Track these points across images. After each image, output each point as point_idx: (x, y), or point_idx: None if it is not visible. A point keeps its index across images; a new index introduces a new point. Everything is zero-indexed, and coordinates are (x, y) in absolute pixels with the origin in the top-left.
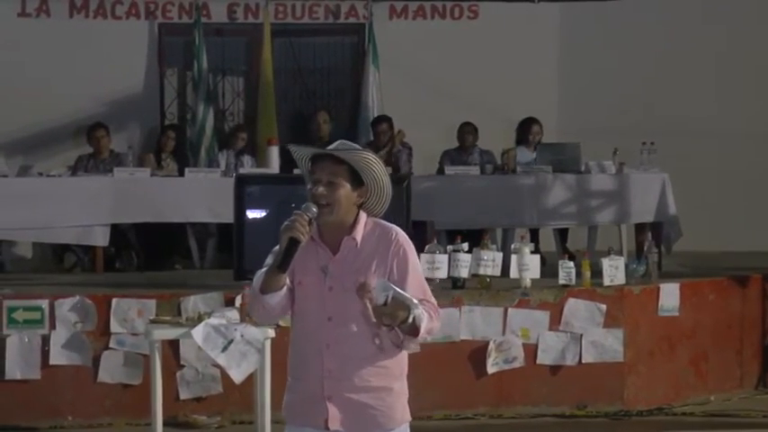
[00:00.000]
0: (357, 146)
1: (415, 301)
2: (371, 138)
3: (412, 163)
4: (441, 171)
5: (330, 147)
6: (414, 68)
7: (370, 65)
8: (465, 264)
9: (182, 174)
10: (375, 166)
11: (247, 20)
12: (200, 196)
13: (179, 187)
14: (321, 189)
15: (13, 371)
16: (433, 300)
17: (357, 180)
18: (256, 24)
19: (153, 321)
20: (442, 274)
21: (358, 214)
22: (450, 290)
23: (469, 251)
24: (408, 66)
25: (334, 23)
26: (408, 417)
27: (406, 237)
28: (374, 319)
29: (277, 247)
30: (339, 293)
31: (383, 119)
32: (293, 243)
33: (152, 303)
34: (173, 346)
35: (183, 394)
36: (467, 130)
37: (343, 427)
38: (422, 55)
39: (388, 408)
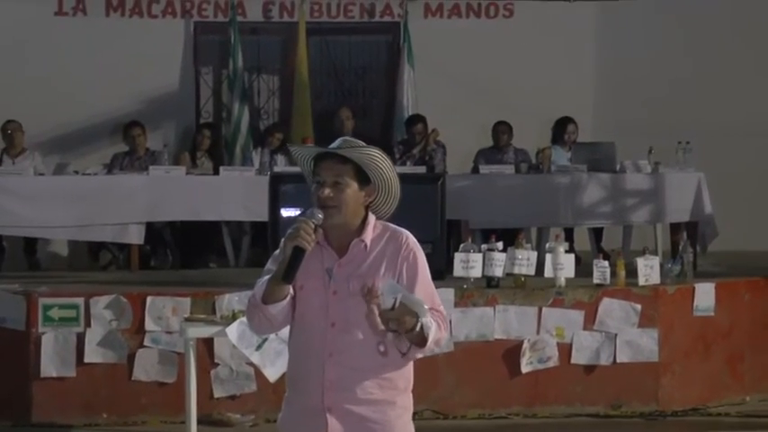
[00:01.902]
0: (361, 142)
1: (426, 306)
2: (406, 137)
3: (446, 162)
4: (475, 170)
5: (332, 145)
6: (448, 67)
7: (404, 63)
8: (499, 263)
9: (217, 172)
10: (382, 163)
11: (283, 18)
12: (234, 195)
13: (214, 186)
14: (327, 191)
15: (49, 368)
16: (441, 309)
17: (364, 179)
18: (291, 23)
19: (187, 319)
20: (477, 273)
21: (366, 216)
22: (485, 289)
23: (504, 250)
24: (443, 64)
25: (369, 22)
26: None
27: (416, 241)
28: (380, 324)
29: (278, 252)
30: (344, 298)
31: (418, 118)
32: (298, 252)
33: (187, 301)
34: (207, 345)
35: (218, 392)
36: (501, 130)
37: None
38: (457, 53)
39: (389, 422)
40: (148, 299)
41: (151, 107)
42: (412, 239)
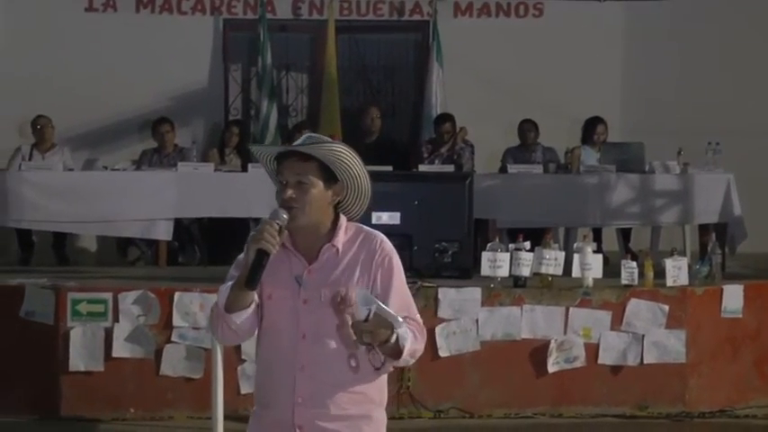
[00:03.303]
0: (326, 138)
1: (400, 318)
2: (434, 135)
3: (474, 161)
4: (503, 169)
5: (296, 142)
6: (477, 66)
7: (433, 62)
8: (527, 262)
9: (245, 169)
10: (348, 160)
11: (312, 16)
12: (262, 192)
13: (242, 183)
14: (289, 192)
15: (77, 363)
16: (418, 317)
17: (330, 177)
18: (321, 21)
19: None
20: (504, 272)
21: (337, 218)
22: (512, 288)
23: (531, 250)
24: (472, 63)
25: (399, 20)
26: None
27: (391, 245)
28: (353, 337)
29: (241, 256)
30: (315, 307)
31: (446, 117)
32: (262, 256)
33: (214, 298)
34: None
35: (245, 388)
36: (527, 127)
37: None
38: (486, 53)
39: None
40: (176, 295)
41: (180, 104)
42: (387, 243)
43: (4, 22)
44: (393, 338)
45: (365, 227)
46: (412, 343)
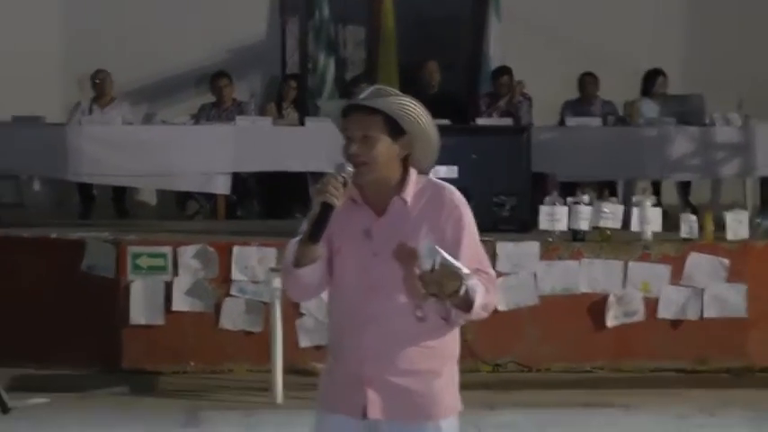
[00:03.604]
0: (393, 90)
1: (466, 270)
2: (491, 89)
3: (532, 114)
4: (562, 122)
5: (361, 95)
6: (535, 18)
7: (491, 15)
8: (585, 216)
9: (302, 123)
10: (414, 111)
11: None
12: (320, 145)
13: (299, 136)
14: (354, 147)
15: (138, 316)
16: (490, 270)
17: (397, 129)
18: None
19: (273, 270)
20: (562, 226)
21: (406, 170)
22: (570, 242)
23: (590, 203)
24: (530, 15)
25: None
26: (459, 406)
27: (462, 197)
28: (420, 288)
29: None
30: (385, 260)
31: (503, 70)
32: (326, 209)
33: (272, 252)
34: None
35: (303, 342)
36: (588, 81)
37: (383, 415)
38: (544, 4)
39: (435, 395)
40: (235, 248)
41: (238, 58)
42: (457, 195)
43: None
44: (462, 290)
45: (435, 179)
46: (483, 296)
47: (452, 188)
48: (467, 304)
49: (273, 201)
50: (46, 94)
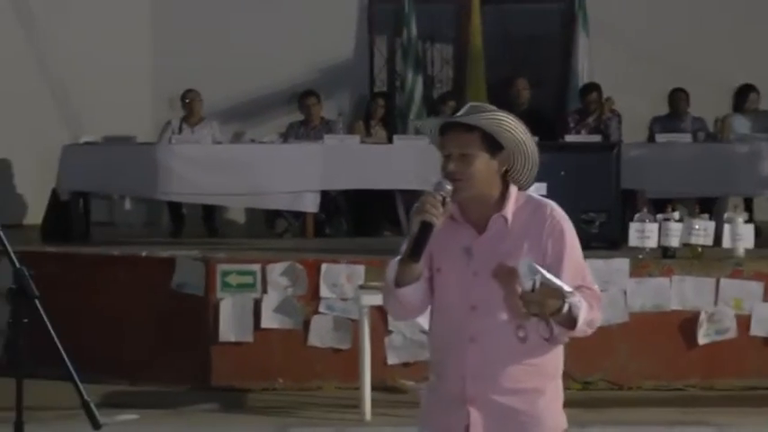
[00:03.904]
0: (489, 107)
1: (567, 288)
2: (580, 105)
3: (621, 130)
4: (651, 137)
5: (459, 112)
6: (624, 34)
7: (579, 31)
8: (676, 233)
9: (390, 141)
10: (511, 126)
11: None
12: (408, 163)
13: (388, 154)
14: (452, 165)
15: (227, 334)
16: (594, 286)
17: (495, 145)
18: None
19: (362, 287)
20: (653, 243)
21: (506, 187)
22: (661, 259)
23: (680, 220)
24: (618, 31)
25: None
26: (564, 424)
27: (564, 213)
28: (522, 308)
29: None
30: (485, 279)
31: (592, 86)
32: (425, 228)
33: (361, 269)
34: (381, 312)
35: (391, 359)
36: (679, 96)
37: None
38: (632, 20)
39: (539, 414)
40: (323, 266)
41: (326, 76)
42: (558, 211)
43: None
44: (565, 308)
45: (536, 196)
46: (587, 312)
47: (554, 204)
48: (570, 322)
49: (362, 218)
50: (137, 114)
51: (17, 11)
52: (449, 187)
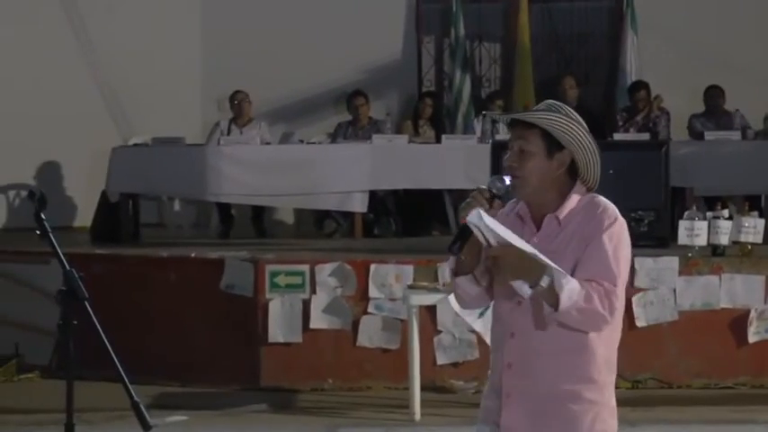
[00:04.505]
0: (561, 106)
1: (549, 263)
2: (629, 104)
3: (670, 128)
4: (691, 134)
5: (534, 108)
6: (673, 32)
7: (627, 29)
8: (725, 231)
9: (439, 140)
10: (570, 127)
11: None
12: (456, 163)
13: (436, 154)
14: (510, 158)
15: (276, 334)
16: (607, 285)
17: (554, 145)
18: None
19: (411, 287)
20: (702, 241)
21: (571, 187)
22: (710, 257)
23: (730, 218)
24: (666, 29)
25: None
26: None
27: (616, 214)
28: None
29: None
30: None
31: (641, 84)
32: (467, 224)
33: (410, 269)
34: (430, 312)
35: (441, 359)
36: (715, 93)
37: (517, 428)
38: (681, 17)
39: (572, 418)
40: (372, 266)
41: (374, 76)
42: (611, 211)
43: (203, 0)
44: (545, 281)
45: (599, 197)
46: (578, 297)
47: (608, 204)
48: (552, 299)
49: (410, 218)
50: (186, 115)
51: (67, 13)
52: (500, 184)
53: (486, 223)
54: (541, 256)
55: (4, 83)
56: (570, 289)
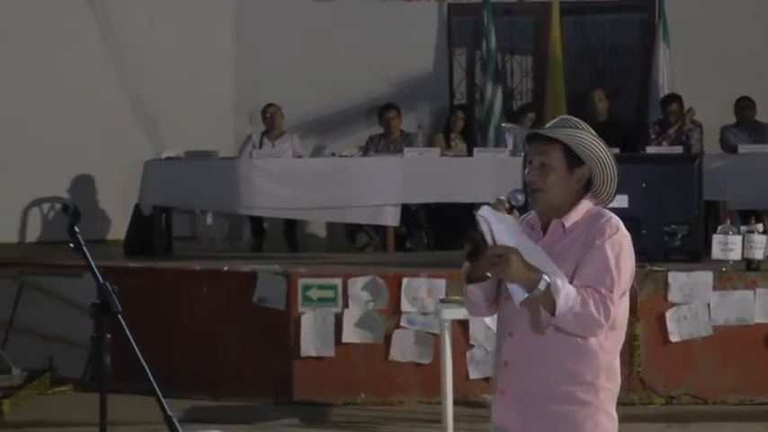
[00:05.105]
0: (576, 122)
1: (555, 267)
2: (661, 117)
3: (703, 141)
4: (723, 147)
5: (548, 124)
6: (706, 45)
7: (660, 41)
8: (760, 245)
9: (470, 153)
10: (591, 144)
11: None
12: (488, 176)
13: (468, 167)
14: (532, 173)
15: (308, 348)
16: (604, 292)
17: (575, 160)
18: (545, 3)
19: (443, 301)
20: (736, 255)
21: (580, 199)
22: (744, 272)
23: (765, 232)
24: (700, 42)
25: (623, 0)
26: None
27: (619, 225)
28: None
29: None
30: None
31: (673, 97)
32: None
33: (442, 283)
34: (462, 326)
35: (473, 374)
36: (745, 105)
37: (514, 426)
38: (713, 30)
39: (563, 416)
40: (404, 280)
41: (405, 89)
42: (614, 222)
43: (235, 14)
44: (542, 285)
45: (603, 210)
46: (574, 301)
47: (612, 216)
48: (549, 303)
49: (442, 232)
50: (218, 128)
51: (100, 27)
52: (519, 197)
53: (495, 219)
54: (545, 256)
55: (37, 98)
56: (566, 294)
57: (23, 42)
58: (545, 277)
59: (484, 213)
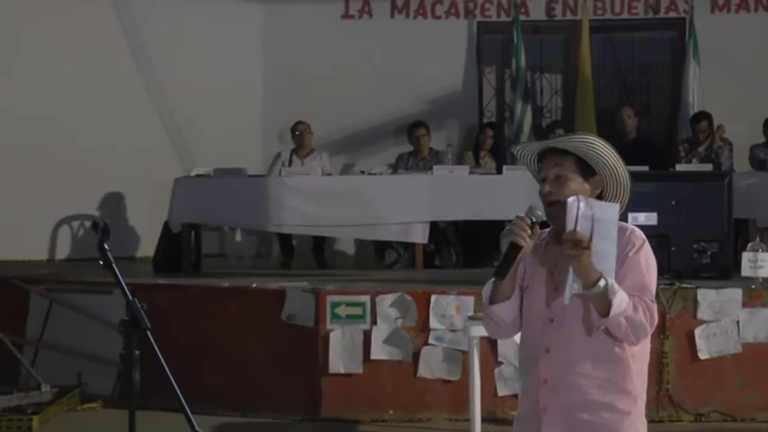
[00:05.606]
0: (585, 134)
1: (613, 274)
2: (691, 134)
3: (733, 159)
4: (752, 165)
5: (555, 139)
6: (735, 63)
7: (690, 60)
8: None
9: (500, 171)
10: (602, 151)
11: (565, 17)
12: (518, 194)
13: (497, 185)
14: (548, 187)
15: (337, 365)
16: (648, 301)
17: (588, 170)
18: (574, 21)
19: (471, 318)
20: (765, 272)
21: None
22: None
23: None
24: (730, 60)
25: (654, 18)
26: None
27: (643, 238)
28: (566, 250)
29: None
30: (563, 294)
31: (703, 115)
32: (512, 248)
33: (470, 300)
34: (491, 343)
35: (502, 391)
36: None
37: None
38: (745, 49)
39: (606, 427)
40: (433, 297)
41: (435, 107)
42: (638, 235)
43: (265, 32)
44: (602, 284)
45: (621, 222)
46: (627, 305)
47: (634, 228)
48: (605, 305)
49: (471, 249)
50: (247, 146)
51: (129, 46)
52: (539, 212)
53: (587, 207)
54: (613, 260)
55: (69, 116)
56: (621, 297)
57: (56, 65)
58: (605, 277)
59: (574, 202)
